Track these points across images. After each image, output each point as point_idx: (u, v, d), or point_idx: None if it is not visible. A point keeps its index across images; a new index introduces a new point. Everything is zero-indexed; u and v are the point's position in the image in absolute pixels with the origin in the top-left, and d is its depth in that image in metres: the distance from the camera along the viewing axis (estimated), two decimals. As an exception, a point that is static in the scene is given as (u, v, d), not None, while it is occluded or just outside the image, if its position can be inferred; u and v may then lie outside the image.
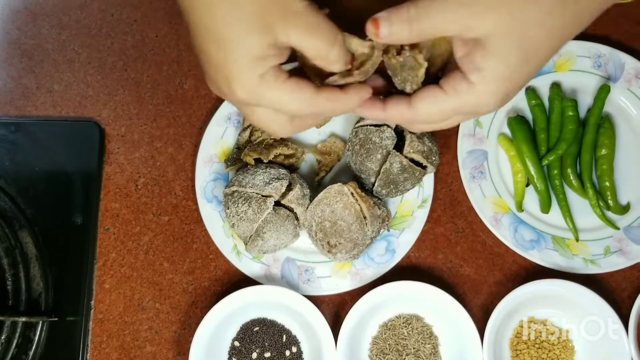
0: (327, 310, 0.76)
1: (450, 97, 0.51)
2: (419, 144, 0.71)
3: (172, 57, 0.84)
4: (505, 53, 0.48)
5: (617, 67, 0.80)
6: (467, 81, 0.50)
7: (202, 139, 0.78)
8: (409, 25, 0.48)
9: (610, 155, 0.78)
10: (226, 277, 0.77)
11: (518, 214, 0.77)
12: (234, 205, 0.70)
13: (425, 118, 0.53)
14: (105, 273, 0.78)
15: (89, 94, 0.83)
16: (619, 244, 0.77)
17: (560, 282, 0.73)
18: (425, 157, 0.71)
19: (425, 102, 0.52)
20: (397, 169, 0.71)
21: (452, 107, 0.51)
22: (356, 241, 0.70)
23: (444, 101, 0.51)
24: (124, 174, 0.80)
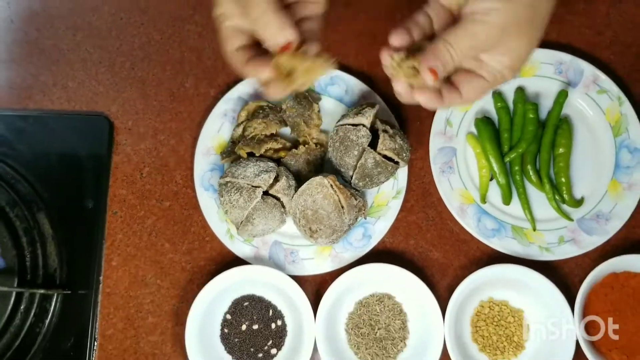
0: (309, 288, 0.84)
1: (491, 82, 0.60)
2: (390, 142, 0.79)
3: (175, 58, 0.91)
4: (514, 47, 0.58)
5: (576, 73, 0.87)
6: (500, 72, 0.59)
7: (201, 133, 0.85)
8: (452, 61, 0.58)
9: (567, 154, 0.85)
10: (220, 258, 0.85)
11: (482, 205, 0.84)
12: (228, 194, 0.79)
13: (472, 98, 0.62)
14: (113, 252, 0.85)
15: (100, 91, 0.90)
16: (572, 234, 0.84)
17: (515, 267, 0.80)
18: (396, 153, 0.80)
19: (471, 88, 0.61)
20: (371, 164, 0.79)
21: (488, 87, 0.61)
22: (335, 227, 0.79)
23: (487, 86, 0.60)
24: (131, 163, 0.87)
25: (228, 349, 0.82)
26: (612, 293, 0.81)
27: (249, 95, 0.88)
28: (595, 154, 0.86)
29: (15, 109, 0.89)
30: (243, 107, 0.86)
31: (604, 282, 0.81)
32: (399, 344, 0.82)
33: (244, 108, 0.86)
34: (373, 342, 0.82)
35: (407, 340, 0.83)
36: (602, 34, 0.91)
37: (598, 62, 0.89)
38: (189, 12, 0.92)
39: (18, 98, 0.90)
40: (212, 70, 0.91)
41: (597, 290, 0.81)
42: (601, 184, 0.85)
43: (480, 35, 0.57)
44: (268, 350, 0.82)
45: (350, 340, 0.83)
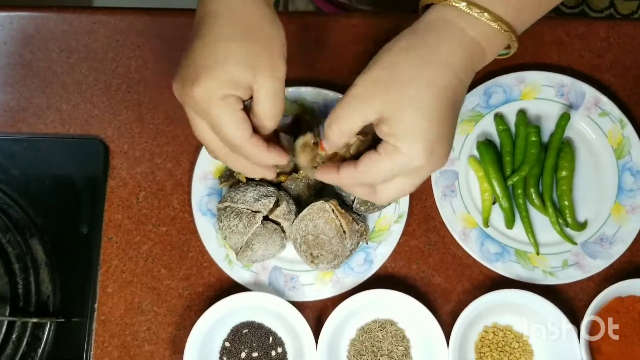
0: (310, 314, 0.82)
1: (383, 158, 0.59)
2: None
3: (171, 80, 0.89)
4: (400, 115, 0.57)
5: (578, 96, 0.87)
6: (391, 145, 0.58)
7: (199, 157, 0.84)
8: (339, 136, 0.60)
9: (570, 177, 0.84)
10: (218, 284, 0.83)
11: (485, 229, 0.83)
12: (227, 219, 0.77)
13: (369, 177, 0.61)
14: (108, 278, 0.83)
15: (95, 114, 0.89)
16: (576, 257, 0.83)
17: (520, 292, 0.79)
18: None
19: (366, 163, 0.60)
20: None
21: (387, 167, 0.59)
22: (336, 253, 0.78)
23: (380, 161, 0.59)
24: (127, 188, 0.86)
25: (227, 378, 0.80)
26: (618, 317, 0.80)
27: None
28: (598, 177, 0.86)
29: (8, 132, 0.88)
30: None
31: (609, 307, 0.80)
32: (402, 372, 0.80)
33: None
34: (376, 370, 0.80)
35: (410, 367, 0.81)
36: (602, 57, 0.91)
37: (599, 84, 0.89)
38: (185, 35, 0.91)
39: (11, 121, 0.88)
40: None
41: (603, 314, 0.80)
42: (604, 207, 0.85)
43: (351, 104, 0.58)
44: (268, 379, 0.80)
45: (352, 368, 0.81)
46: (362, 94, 0.58)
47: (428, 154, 0.58)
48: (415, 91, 0.56)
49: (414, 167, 0.59)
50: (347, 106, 0.59)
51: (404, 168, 0.59)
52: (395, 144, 0.58)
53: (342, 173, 0.62)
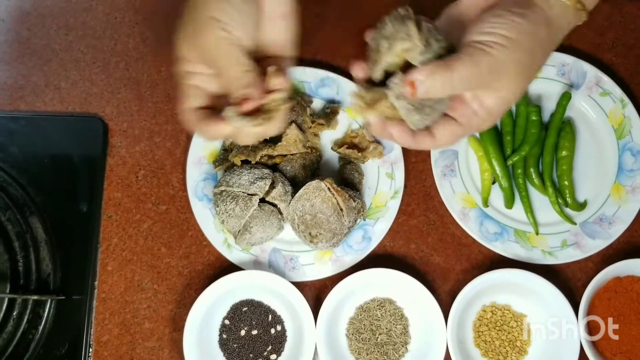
0: (309, 293, 0.82)
1: (464, 126, 0.60)
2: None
3: (170, 58, 0.84)
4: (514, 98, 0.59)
5: (579, 75, 0.86)
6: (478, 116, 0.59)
7: (191, 143, 0.84)
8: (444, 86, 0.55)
9: (570, 157, 0.84)
10: (218, 262, 0.84)
11: (484, 209, 0.83)
12: (223, 203, 0.77)
13: (444, 144, 0.61)
14: (108, 256, 0.83)
15: (94, 92, 0.88)
16: (575, 237, 0.83)
17: (518, 272, 0.79)
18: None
19: (445, 133, 0.60)
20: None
21: (464, 133, 0.61)
22: (335, 231, 0.78)
23: (459, 130, 0.60)
24: (126, 166, 0.86)
25: (227, 355, 0.81)
26: (616, 297, 0.80)
27: None
28: (598, 156, 0.86)
29: (7, 110, 0.88)
30: None
31: (607, 286, 0.80)
32: (401, 349, 0.81)
33: None
34: (374, 348, 0.81)
35: (408, 345, 0.82)
36: (604, 36, 0.90)
37: (600, 64, 0.88)
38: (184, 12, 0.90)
39: (9, 99, 0.88)
40: None
41: (601, 294, 0.80)
42: (604, 187, 0.85)
43: (483, 66, 0.55)
44: (267, 356, 0.81)
45: (351, 346, 0.81)
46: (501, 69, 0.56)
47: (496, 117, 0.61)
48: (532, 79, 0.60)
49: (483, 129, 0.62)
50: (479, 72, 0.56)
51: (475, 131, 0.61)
52: (485, 118, 0.59)
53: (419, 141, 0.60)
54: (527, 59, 0.57)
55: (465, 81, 0.55)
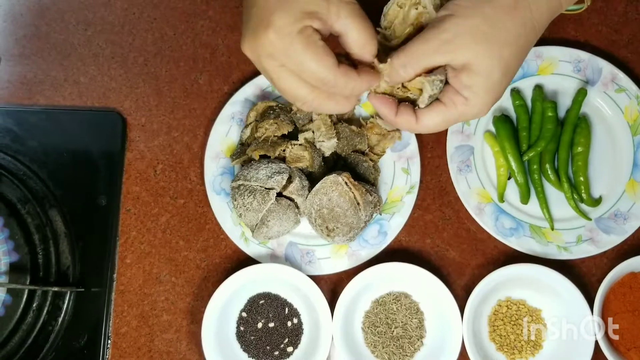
0: (325, 286, 0.83)
1: (450, 110, 0.59)
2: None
3: (188, 53, 0.89)
4: (488, 71, 0.58)
5: (595, 71, 0.86)
6: (462, 96, 0.59)
7: (209, 138, 0.84)
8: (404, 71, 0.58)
9: (585, 153, 0.84)
10: (235, 256, 0.84)
11: (499, 204, 0.83)
12: (241, 197, 0.78)
13: (431, 128, 0.61)
14: (127, 249, 0.84)
15: (112, 86, 0.89)
16: (590, 233, 0.83)
17: (534, 266, 0.79)
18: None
19: (431, 115, 0.60)
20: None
21: (452, 118, 0.60)
22: (352, 225, 0.78)
23: (446, 113, 0.60)
24: (144, 160, 0.86)
25: (244, 347, 0.81)
26: (631, 293, 0.80)
27: (256, 97, 0.86)
28: (614, 153, 0.86)
29: (26, 104, 0.88)
30: (252, 107, 0.84)
31: (622, 282, 0.80)
32: (416, 343, 0.81)
33: (253, 109, 0.84)
34: (390, 341, 0.81)
35: (424, 339, 0.82)
36: (619, 33, 0.90)
37: (616, 60, 0.88)
38: (202, 8, 0.91)
39: (29, 93, 0.89)
40: (226, 67, 0.89)
41: (616, 289, 0.80)
42: (619, 183, 0.85)
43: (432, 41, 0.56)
44: (284, 348, 0.81)
45: (367, 339, 0.82)
46: (454, 41, 0.56)
47: (491, 106, 0.60)
48: (510, 53, 0.57)
49: (474, 116, 0.60)
50: (431, 49, 0.56)
51: (465, 118, 0.60)
52: (469, 96, 0.58)
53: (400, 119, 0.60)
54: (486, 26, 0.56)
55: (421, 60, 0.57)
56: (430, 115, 0.60)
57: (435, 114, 0.60)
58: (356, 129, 0.83)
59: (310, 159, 0.80)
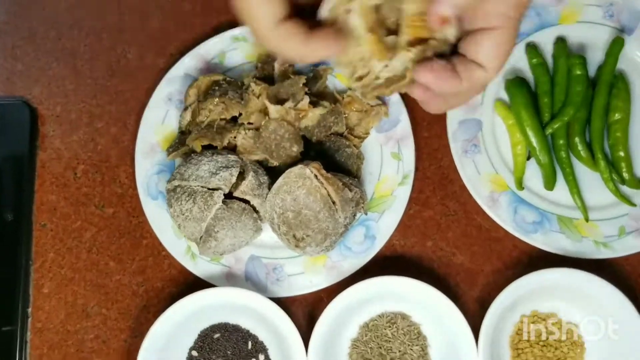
0: (300, 309, 0.69)
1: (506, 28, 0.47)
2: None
3: (112, 22, 0.77)
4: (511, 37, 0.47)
5: (632, 15, 0.74)
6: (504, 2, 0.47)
7: (140, 127, 0.72)
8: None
9: (625, 121, 0.71)
10: (182, 277, 0.70)
11: (518, 192, 0.71)
12: (177, 202, 0.62)
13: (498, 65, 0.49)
14: (44, 276, 0.71)
15: (18, 69, 0.76)
16: (636, 223, 0.70)
17: (567, 271, 0.65)
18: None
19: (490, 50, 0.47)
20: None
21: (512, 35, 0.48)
22: (326, 231, 0.62)
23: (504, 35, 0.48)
24: (61, 161, 0.74)
25: (196, 397, 0.65)
26: (695, 298, 0.64)
27: (199, 71, 0.73)
28: (661, 118, 0.72)
29: None
30: (191, 84, 0.70)
31: (683, 285, 0.64)
32: (419, 378, 0.66)
33: (193, 85, 0.70)
34: (385, 377, 0.66)
35: (428, 371, 0.67)
36: (659, -36, 0.75)
37: None
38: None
39: None
40: (161, 36, 0.78)
41: (675, 295, 0.64)
42: (670, 157, 0.71)
43: None
44: (249, 394, 0.66)
45: (355, 376, 0.67)
46: None
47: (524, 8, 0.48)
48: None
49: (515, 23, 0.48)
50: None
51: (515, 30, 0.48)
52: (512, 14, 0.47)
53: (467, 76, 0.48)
54: None
55: None
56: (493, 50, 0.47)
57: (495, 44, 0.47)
58: (330, 105, 0.68)
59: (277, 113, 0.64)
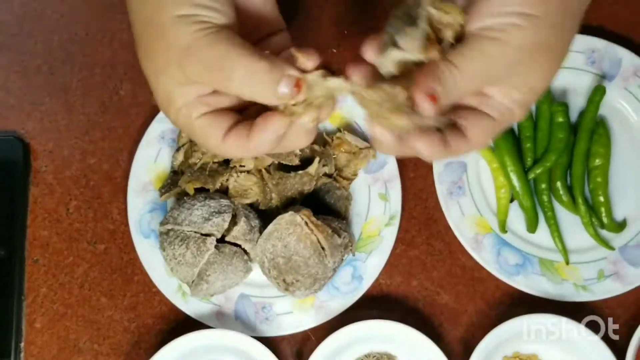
0: (288, 348, 0.69)
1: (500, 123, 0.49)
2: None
3: (105, 58, 0.75)
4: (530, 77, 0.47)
5: (613, 63, 0.72)
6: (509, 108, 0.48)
7: (132, 166, 0.70)
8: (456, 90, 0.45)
9: (605, 166, 0.70)
10: (172, 314, 0.69)
11: (501, 235, 0.70)
12: (170, 246, 0.62)
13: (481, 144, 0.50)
14: (36, 311, 0.70)
15: (10, 103, 0.74)
16: (614, 266, 0.69)
17: (549, 317, 0.65)
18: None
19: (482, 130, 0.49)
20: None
21: (501, 129, 0.50)
22: (316, 276, 0.62)
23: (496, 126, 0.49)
24: (54, 196, 0.72)
25: None
26: (671, 341, 0.65)
27: None
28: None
29: None
30: None
31: (659, 329, 0.65)
32: (404, 415, 0.66)
33: None
34: (371, 415, 0.66)
35: (413, 410, 0.67)
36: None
37: (638, 48, 0.73)
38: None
39: None
40: None
41: (652, 338, 0.66)
42: (648, 203, 0.71)
43: (496, 57, 0.45)
44: None
45: (342, 415, 0.66)
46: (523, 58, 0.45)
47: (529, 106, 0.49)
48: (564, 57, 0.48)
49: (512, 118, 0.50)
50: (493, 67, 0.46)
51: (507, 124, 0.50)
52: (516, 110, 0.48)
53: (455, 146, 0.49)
54: (551, 39, 0.45)
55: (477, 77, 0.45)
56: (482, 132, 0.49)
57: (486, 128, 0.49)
58: (319, 148, 0.67)
59: (260, 192, 0.63)
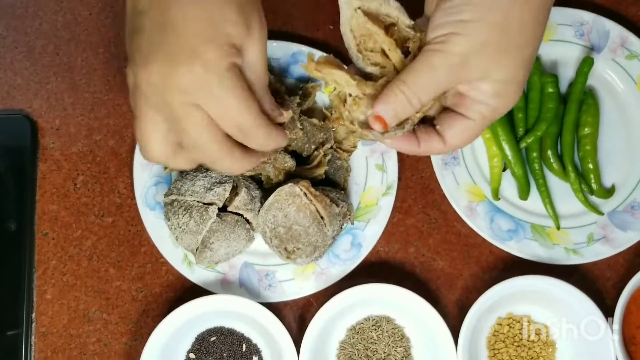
0: (291, 313, 0.71)
1: (479, 123, 0.53)
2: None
3: (109, 37, 0.75)
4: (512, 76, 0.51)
5: (601, 35, 0.73)
6: (487, 105, 0.52)
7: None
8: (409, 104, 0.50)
9: (594, 135, 0.72)
10: (179, 283, 0.71)
11: (494, 202, 0.71)
12: (175, 216, 0.63)
13: (458, 145, 0.55)
14: (46, 282, 0.71)
15: (17, 83, 0.74)
16: (603, 230, 0.71)
17: (540, 278, 0.67)
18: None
19: (456, 133, 0.53)
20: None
21: (481, 128, 0.54)
22: (316, 244, 0.64)
23: (474, 127, 0.53)
24: (61, 172, 0.73)
25: (194, 396, 0.68)
26: (656, 301, 0.68)
27: None
28: (627, 132, 0.73)
29: None
30: None
31: (646, 289, 0.68)
32: (402, 376, 0.69)
33: None
34: (371, 376, 0.68)
35: (411, 370, 0.69)
36: (628, -14, 0.77)
37: (625, 20, 0.75)
38: None
39: None
40: None
41: (637, 298, 0.68)
42: (635, 169, 0.72)
43: (440, 67, 0.49)
44: (243, 393, 0.68)
45: (343, 375, 0.69)
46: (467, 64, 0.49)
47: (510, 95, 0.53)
48: (531, 53, 0.51)
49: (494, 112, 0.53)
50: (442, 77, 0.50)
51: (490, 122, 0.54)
52: (494, 104, 0.52)
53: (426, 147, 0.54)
54: (498, 36, 0.48)
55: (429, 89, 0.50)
56: (458, 134, 0.54)
57: (462, 130, 0.53)
58: (318, 122, 0.69)
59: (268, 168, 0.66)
